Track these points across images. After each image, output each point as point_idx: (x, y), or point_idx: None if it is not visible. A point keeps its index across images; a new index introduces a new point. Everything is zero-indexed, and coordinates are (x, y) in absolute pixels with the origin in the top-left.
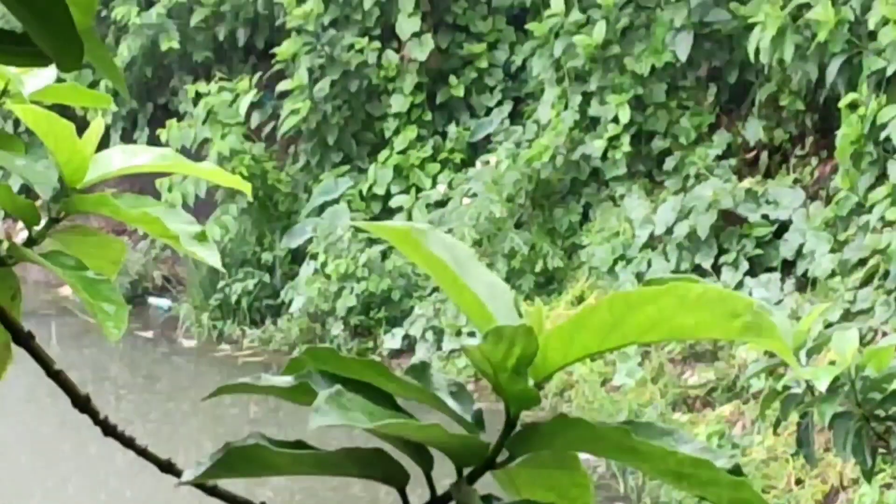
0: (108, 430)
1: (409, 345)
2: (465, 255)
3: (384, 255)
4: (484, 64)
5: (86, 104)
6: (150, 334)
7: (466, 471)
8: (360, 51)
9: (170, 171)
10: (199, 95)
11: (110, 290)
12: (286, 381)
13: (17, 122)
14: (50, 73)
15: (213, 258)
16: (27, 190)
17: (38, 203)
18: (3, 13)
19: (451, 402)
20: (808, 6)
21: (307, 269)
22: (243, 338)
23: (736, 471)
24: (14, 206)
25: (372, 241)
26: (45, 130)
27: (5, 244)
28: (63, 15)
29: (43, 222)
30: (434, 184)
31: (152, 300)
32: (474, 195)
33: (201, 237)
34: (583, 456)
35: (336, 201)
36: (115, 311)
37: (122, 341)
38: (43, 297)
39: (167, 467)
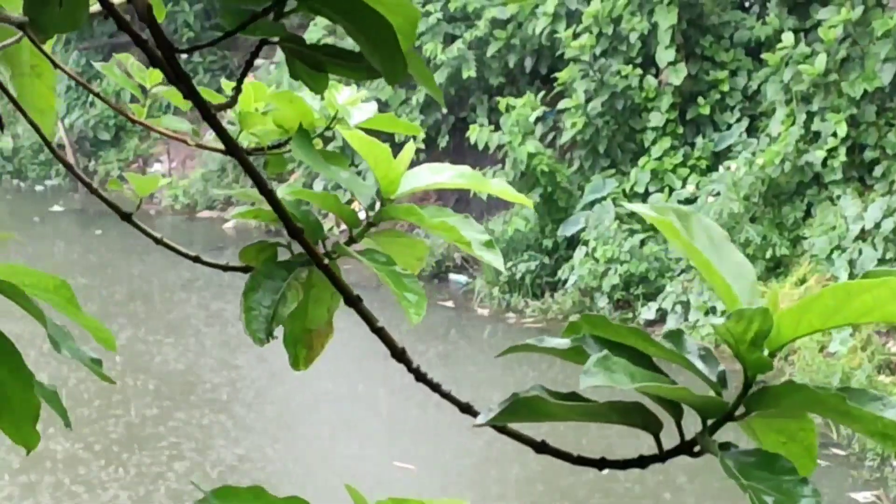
0: (419, 376)
1: (662, 316)
2: (719, 235)
3: (643, 243)
4: (726, 87)
5: (400, 131)
6: (450, 304)
7: (710, 422)
8: (626, 76)
9: (466, 188)
10: (508, 108)
11: (413, 282)
12: (563, 343)
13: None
14: (371, 106)
15: (497, 262)
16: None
17: (358, 209)
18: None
19: (699, 364)
20: None
21: (580, 252)
22: (526, 308)
23: None
24: (340, 211)
25: (633, 232)
26: (366, 151)
27: (331, 242)
28: (392, 39)
29: (362, 226)
30: (684, 185)
31: (452, 276)
32: (717, 194)
33: (489, 244)
34: None
35: (604, 198)
36: (416, 300)
37: (429, 310)
38: (364, 273)
39: (466, 409)
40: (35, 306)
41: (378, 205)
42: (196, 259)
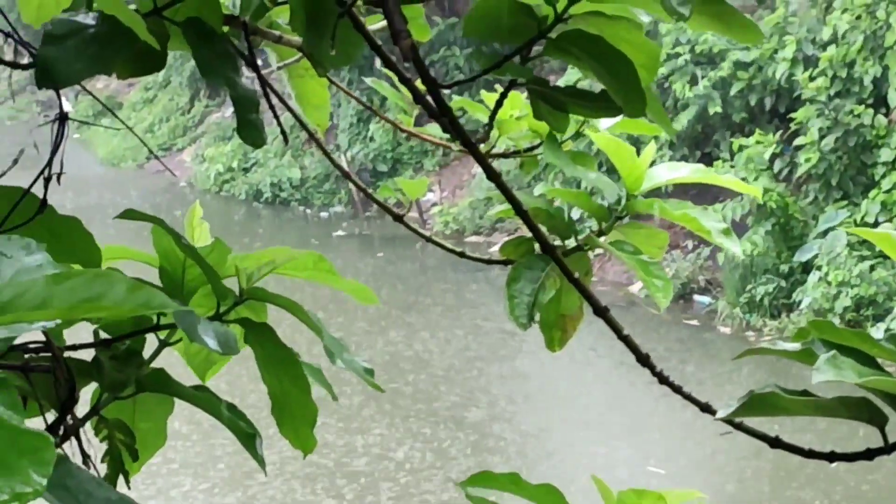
0: (662, 379)
1: (890, 336)
2: None
3: (872, 268)
4: None
5: (644, 133)
6: (695, 322)
7: None
8: (858, 115)
9: (702, 181)
10: (740, 147)
11: (659, 269)
12: (794, 346)
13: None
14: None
15: (735, 247)
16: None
17: (606, 205)
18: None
19: None
20: None
21: (813, 277)
22: (764, 327)
23: None
24: (589, 207)
25: (863, 258)
26: (613, 151)
27: (582, 235)
28: (633, 75)
29: (610, 220)
30: None
31: (697, 297)
32: None
33: (727, 232)
34: None
35: (835, 227)
36: (662, 285)
37: (676, 327)
38: (617, 293)
39: (706, 408)
40: (312, 320)
41: (623, 200)
42: (461, 254)
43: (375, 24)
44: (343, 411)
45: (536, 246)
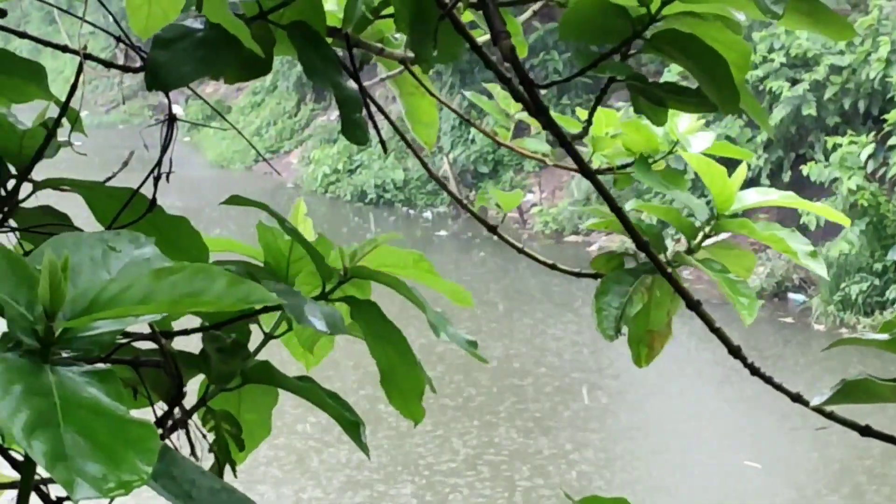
0: (754, 370)
1: None
2: None
3: None
4: None
5: (735, 156)
6: (789, 320)
7: None
8: None
9: (789, 206)
10: (834, 147)
11: (745, 287)
12: (884, 336)
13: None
14: (710, 135)
15: (820, 269)
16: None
17: (696, 223)
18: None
19: None
20: None
21: None
22: (858, 324)
23: None
24: (679, 223)
25: None
26: (704, 171)
27: (671, 252)
28: (726, 72)
29: (699, 238)
30: None
31: (791, 295)
32: None
33: (813, 254)
34: None
35: None
36: (748, 303)
37: (769, 324)
38: (712, 290)
39: (797, 398)
40: (416, 296)
41: (713, 219)
42: (553, 266)
43: (477, 37)
44: (440, 406)
45: (626, 261)
